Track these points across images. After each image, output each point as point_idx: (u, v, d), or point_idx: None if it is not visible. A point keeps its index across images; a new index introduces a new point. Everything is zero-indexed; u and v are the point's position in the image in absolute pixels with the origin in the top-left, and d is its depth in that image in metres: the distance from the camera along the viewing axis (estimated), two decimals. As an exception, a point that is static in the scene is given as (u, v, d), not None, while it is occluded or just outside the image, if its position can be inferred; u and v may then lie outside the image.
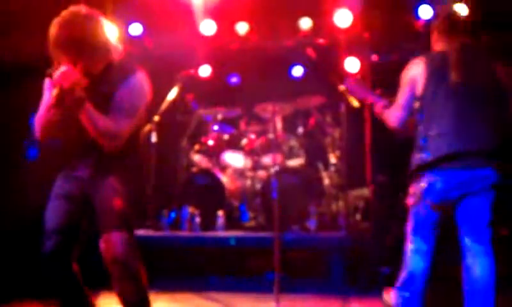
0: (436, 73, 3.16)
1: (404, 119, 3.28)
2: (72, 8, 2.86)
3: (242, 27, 6.61)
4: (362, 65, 6.40)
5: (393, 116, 3.34)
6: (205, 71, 7.02)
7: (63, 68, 2.70)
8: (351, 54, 6.49)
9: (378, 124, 5.69)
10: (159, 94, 5.82)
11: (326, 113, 6.36)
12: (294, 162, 6.05)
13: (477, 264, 3.04)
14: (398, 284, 3.24)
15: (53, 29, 2.80)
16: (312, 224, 5.37)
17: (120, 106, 2.84)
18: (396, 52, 6.28)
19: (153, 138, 5.86)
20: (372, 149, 5.76)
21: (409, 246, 3.21)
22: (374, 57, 6.22)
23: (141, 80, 2.96)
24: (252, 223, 5.70)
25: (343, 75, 6.19)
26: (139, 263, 2.87)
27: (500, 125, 3.10)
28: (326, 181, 6.12)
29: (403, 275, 3.22)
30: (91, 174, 2.91)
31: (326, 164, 6.26)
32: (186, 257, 5.16)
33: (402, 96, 3.30)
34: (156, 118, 5.86)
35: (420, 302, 3.15)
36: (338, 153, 6.13)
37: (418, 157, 3.20)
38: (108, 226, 2.82)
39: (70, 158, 2.99)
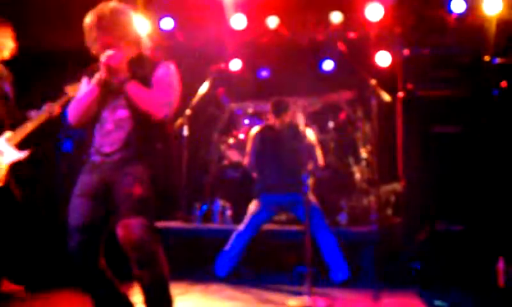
0: None
1: None
2: (105, 2, 3.08)
3: (272, 21, 6.62)
4: (393, 59, 6.36)
5: None
6: (235, 65, 7.06)
7: (109, 51, 2.91)
8: (381, 48, 6.46)
9: (410, 118, 5.72)
10: (191, 89, 5.89)
11: (357, 107, 6.35)
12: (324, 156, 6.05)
13: None
14: None
15: (88, 21, 3.02)
16: (342, 218, 5.39)
17: (160, 83, 3.00)
18: (428, 46, 6.22)
19: (185, 132, 5.92)
20: (403, 144, 5.73)
21: None
22: (406, 52, 6.18)
23: (172, 67, 3.11)
24: (283, 217, 5.72)
25: (374, 70, 6.19)
26: (158, 249, 2.87)
27: None
28: (357, 176, 6.12)
29: None
30: (118, 160, 2.94)
31: (357, 159, 6.26)
32: (218, 249, 5.20)
33: None
34: (188, 112, 5.91)
35: None
36: (369, 147, 6.12)
37: None
38: (126, 211, 2.82)
39: (96, 144, 3.02)
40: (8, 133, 4.25)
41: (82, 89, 3.10)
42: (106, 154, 2.96)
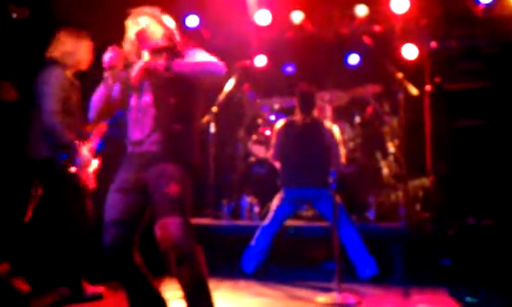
0: None
1: None
2: (138, 8, 3.19)
3: (297, 16, 6.61)
4: (420, 52, 6.30)
5: None
6: (260, 61, 7.06)
7: (145, 59, 3.07)
8: (408, 41, 6.40)
9: (438, 112, 5.66)
10: (217, 86, 5.90)
11: (384, 101, 6.31)
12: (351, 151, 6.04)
13: None
14: None
15: (126, 27, 3.16)
16: (371, 214, 5.36)
17: (193, 53, 3.09)
18: (455, 38, 6.14)
19: (212, 129, 5.95)
20: (432, 138, 5.68)
21: None
22: (433, 44, 6.10)
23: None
24: (310, 213, 5.72)
25: (400, 63, 6.13)
26: (196, 248, 2.90)
27: None
28: (385, 171, 6.08)
29: None
30: (151, 152, 2.99)
31: (385, 153, 6.22)
32: (246, 246, 5.22)
33: None
34: (214, 109, 5.94)
35: None
36: (396, 142, 6.08)
37: None
38: (163, 211, 2.87)
39: (128, 134, 3.10)
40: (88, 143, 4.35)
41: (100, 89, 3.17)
42: (135, 142, 3.03)
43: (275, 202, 5.08)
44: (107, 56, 2.99)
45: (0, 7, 5.34)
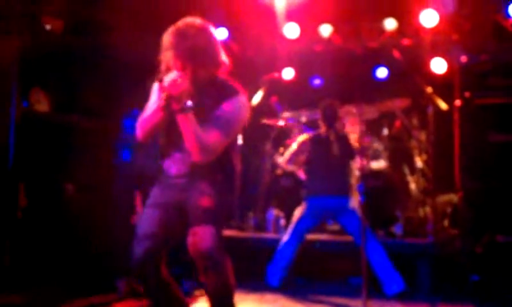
0: None
1: None
2: (188, 18, 2.94)
3: (325, 30, 6.61)
4: (449, 66, 6.25)
5: None
6: (288, 74, 7.08)
7: (173, 75, 2.77)
8: (437, 55, 6.36)
9: (468, 127, 5.60)
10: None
11: (412, 116, 6.27)
12: (379, 165, 6.00)
13: None
14: None
15: (168, 34, 2.90)
16: (398, 229, 5.32)
17: (217, 122, 2.86)
18: (485, 52, 6.08)
19: (239, 141, 5.98)
20: (461, 153, 5.61)
21: None
22: (463, 58, 6.05)
23: (244, 102, 2.98)
24: (336, 227, 5.70)
25: (429, 77, 6.10)
26: (226, 258, 2.90)
27: None
28: (412, 186, 6.03)
29: None
30: (187, 182, 2.99)
31: (412, 168, 6.17)
32: (271, 259, 5.22)
33: None
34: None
35: None
36: (424, 156, 6.03)
37: None
38: (195, 220, 2.86)
39: (165, 165, 3.07)
40: None
41: (152, 102, 3.07)
42: (173, 176, 3.03)
43: (297, 214, 5.07)
44: (170, 80, 2.75)
45: (34, 19, 5.46)
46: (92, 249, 5.29)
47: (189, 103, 2.78)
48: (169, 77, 2.77)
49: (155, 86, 3.06)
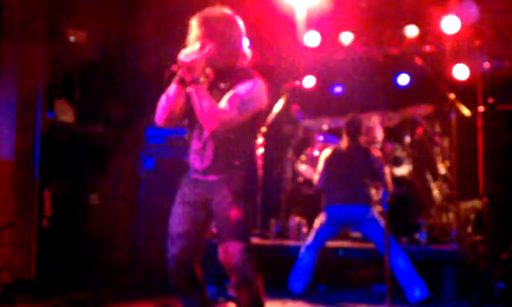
0: None
1: None
2: (216, 7, 2.99)
3: (346, 37, 6.61)
4: (471, 72, 6.21)
5: None
6: (309, 82, 7.10)
7: (190, 49, 2.82)
8: (458, 61, 6.33)
9: (491, 133, 5.55)
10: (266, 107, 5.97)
11: (435, 122, 6.23)
12: (401, 172, 5.98)
13: None
14: None
15: (195, 19, 2.96)
16: (422, 236, 5.27)
17: (231, 98, 2.86)
18: (508, 58, 6.03)
19: (261, 149, 6.00)
20: (484, 160, 5.57)
21: None
22: (486, 65, 6.00)
23: (260, 85, 2.98)
24: (359, 234, 5.68)
25: (451, 83, 6.06)
26: (256, 271, 2.93)
27: None
28: (435, 192, 5.99)
29: None
30: (212, 180, 2.99)
31: (435, 175, 6.13)
32: (293, 266, 5.21)
33: None
34: (263, 129, 5.99)
35: None
36: (447, 163, 5.99)
37: None
38: (226, 235, 2.90)
39: (190, 160, 3.07)
40: None
41: (170, 89, 3.04)
42: (198, 171, 3.02)
43: (317, 222, 5.07)
44: (187, 54, 2.79)
45: (58, 30, 5.57)
46: (116, 258, 5.36)
47: (202, 79, 2.81)
48: (186, 50, 2.82)
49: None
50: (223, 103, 2.84)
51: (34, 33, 5.23)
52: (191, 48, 2.83)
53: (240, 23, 3.00)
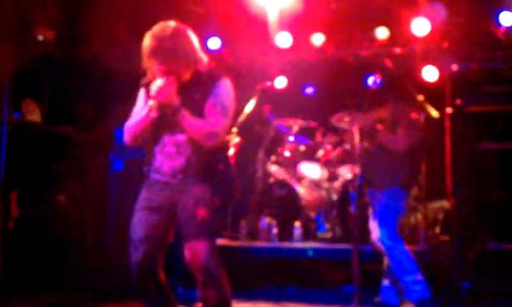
0: None
1: None
2: (162, 23, 3.03)
3: (317, 39, 6.64)
4: (441, 74, 6.28)
5: None
6: (281, 82, 7.10)
7: (159, 82, 2.89)
8: (428, 63, 6.39)
9: (459, 134, 5.62)
10: (237, 106, 5.94)
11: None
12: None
13: None
14: None
15: (146, 41, 2.99)
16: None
17: (213, 107, 2.98)
18: (476, 60, 6.11)
19: (231, 150, 5.98)
20: (452, 161, 5.63)
21: None
22: (454, 67, 6.07)
23: (228, 83, 3.11)
24: (328, 234, 5.71)
25: (421, 85, 6.11)
26: (222, 271, 2.98)
27: None
28: (404, 193, 6.02)
29: None
30: (181, 181, 3.01)
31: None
32: (263, 267, 5.24)
33: None
34: (234, 130, 5.97)
35: None
36: (416, 164, 6.03)
37: None
38: (192, 234, 2.94)
39: (156, 164, 3.08)
40: None
41: (138, 106, 3.14)
42: (167, 174, 3.04)
43: None
44: (158, 86, 2.87)
45: (26, 29, 5.48)
46: (83, 260, 5.29)
47: (178, 102, 2.91)
48: (156, 85, 2.89)
49: (141, 92, 3.16)
50: (213, 117, 2.95)
51: (1, 32, 5.14)
52: (159, 82, 2.89)
53: (189, 31, 3.06)
